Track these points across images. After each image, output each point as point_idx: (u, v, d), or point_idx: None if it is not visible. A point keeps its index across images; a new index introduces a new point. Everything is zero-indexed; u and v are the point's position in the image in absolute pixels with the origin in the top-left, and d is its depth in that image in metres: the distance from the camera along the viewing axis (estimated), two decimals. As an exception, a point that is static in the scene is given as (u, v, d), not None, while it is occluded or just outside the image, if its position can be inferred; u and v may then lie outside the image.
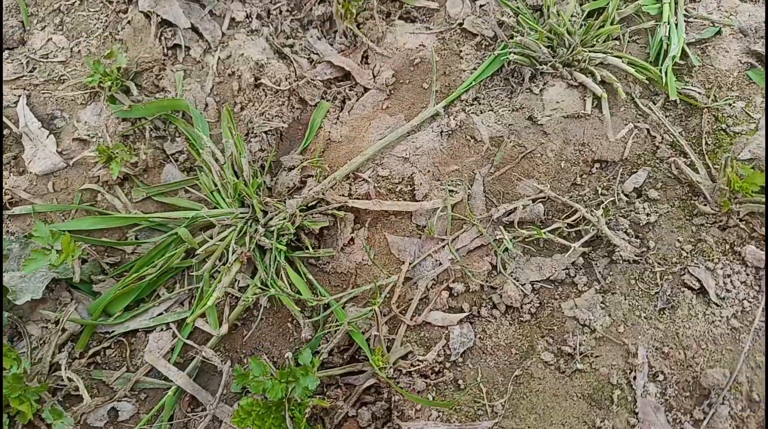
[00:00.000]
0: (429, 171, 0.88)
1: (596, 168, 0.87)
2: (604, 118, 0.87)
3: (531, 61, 0.88)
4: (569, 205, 0.84)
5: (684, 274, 0.80)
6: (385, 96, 0.95)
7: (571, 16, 0.89)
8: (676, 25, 0.88)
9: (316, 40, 1.01)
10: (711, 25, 0.90)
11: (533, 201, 0.84)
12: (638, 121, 0.87)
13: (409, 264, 0.84)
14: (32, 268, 0.82)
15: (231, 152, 0.90)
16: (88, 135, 1.01)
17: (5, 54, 1.10)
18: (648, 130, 0.87)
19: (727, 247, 0.80)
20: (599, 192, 0.86)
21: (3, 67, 1.09)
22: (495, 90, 0.91)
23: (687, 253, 0.82)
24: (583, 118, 0.87)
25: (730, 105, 0.86)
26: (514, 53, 0.87)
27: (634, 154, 0.87)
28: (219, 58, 1.02)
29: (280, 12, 1.04)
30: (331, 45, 1.01)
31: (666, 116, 0.88)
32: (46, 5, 1.12)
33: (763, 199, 0.78)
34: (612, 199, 0.85)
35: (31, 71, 1.08)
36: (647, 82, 0.89)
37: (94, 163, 0.99)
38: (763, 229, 0.78)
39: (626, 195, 0.85)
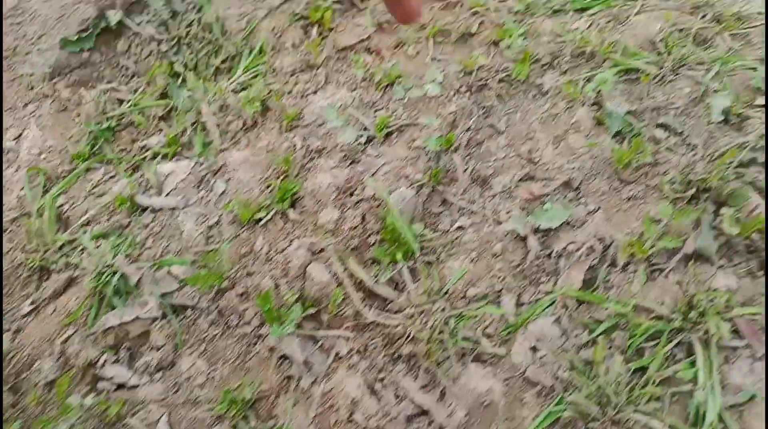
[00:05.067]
0: None
1: None
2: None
3: (583, 417, 1.02)
4: None
5: None
6: (459, 435, 1.11)
7: (618, 374, 1.05)
8: (712, 387, 1.00)
9: (401, 377, 1.21)
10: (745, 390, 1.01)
11: None
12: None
13: None
14: None
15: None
16: (211, 459, 1.22)
17: (158, 375, 1.40)
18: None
19: None
20: None
21: None
22: (555, 440, 1.04)
23: None
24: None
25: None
26: (567, 411, 1.02)
27: None
28: (322, 390, 1.24)
29: (376, 347, 1.28)
30: (415, 379, 1.21)
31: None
32: (196, 334, 1.44)
33: None
34: None
35: (175, 392, 1.35)
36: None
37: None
38: None
39: None
